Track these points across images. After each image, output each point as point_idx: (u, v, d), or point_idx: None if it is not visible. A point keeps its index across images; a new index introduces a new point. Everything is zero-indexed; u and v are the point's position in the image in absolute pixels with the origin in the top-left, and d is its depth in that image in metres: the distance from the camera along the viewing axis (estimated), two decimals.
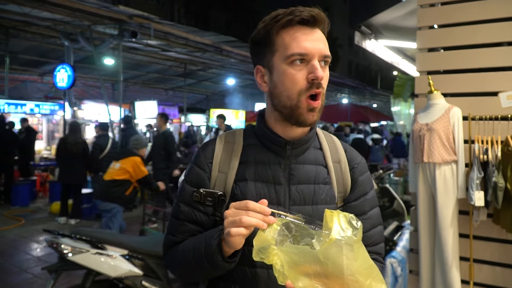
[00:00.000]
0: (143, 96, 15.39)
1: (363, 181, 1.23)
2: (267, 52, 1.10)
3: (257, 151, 1.16)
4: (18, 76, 14.64)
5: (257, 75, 1.16)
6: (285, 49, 1.06)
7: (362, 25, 3.97)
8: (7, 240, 6.28)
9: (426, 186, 2.71)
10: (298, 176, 1.14)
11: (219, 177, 1.15)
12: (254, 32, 1.13)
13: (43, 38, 11.17)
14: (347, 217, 0.87)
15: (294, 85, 1.06)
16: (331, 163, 1.20)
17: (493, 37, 2.66)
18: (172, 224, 1.19)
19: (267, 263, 0.88)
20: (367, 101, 29.98)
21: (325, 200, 1.15)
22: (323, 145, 1.22)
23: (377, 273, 0.86)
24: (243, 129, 1.25)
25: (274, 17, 1.08)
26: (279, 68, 1.08)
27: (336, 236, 0.84)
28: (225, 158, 1.17)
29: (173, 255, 1.16)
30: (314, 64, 1.05)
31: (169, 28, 9.95)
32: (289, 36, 1.06)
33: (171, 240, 1.18)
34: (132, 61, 14.21)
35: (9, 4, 8.05)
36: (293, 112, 1.08)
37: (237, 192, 1.12)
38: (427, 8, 2.89)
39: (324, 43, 1.09)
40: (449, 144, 2.59)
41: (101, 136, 7.80)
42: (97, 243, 3.04)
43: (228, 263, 1.02)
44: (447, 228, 2.58)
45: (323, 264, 0.83)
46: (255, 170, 1.14)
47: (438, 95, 2.68)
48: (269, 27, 1.08)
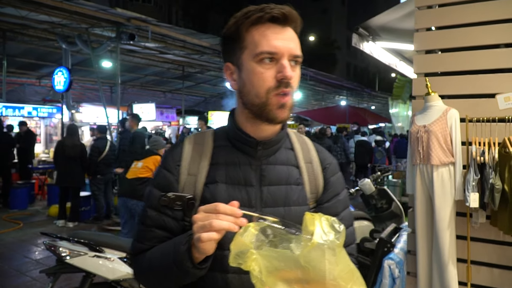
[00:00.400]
0: (141, 99, 15.40)
1: (335, 182, 1.22)
2: (236, 49, 1.08)
3: (227, 152, 1.13)
4: (15, 79, 14.61)
5: (226, 72, 1.14)
6: (255, 47, 1.04)
7: (360, 27, 3.98)
8: (6, 243, 6.26)
9: (424, 188, 2.71)
10: (270, 177, 1.12)
11: (188, 180, 1.11)
12: (225, 27, 1.11)
13: (40, 41, 11.16)
14: (329, 220, 0.85)
15: (263, 83, 1.04)
16: (303, 163, 1.18)
17: (491, 39, 2.67)
18: (139, 231, 1.14)
19: (244, 269, 0.84)
20: (365, 103, 30.03)
21: (297, 202, 1.13)
22: (294, 146, 1.20)
23: (357, 277, 0.85)
24: (213, 130, 1.22)
25: (245, 13, 1.05)
26: (248, 66, 1.06)
27: (318, 240, 0.82)
28: (194, 160, 1.13)
29: (140, 263, 1.12)
30: (283, 63, 1.03)
31: (167, 30, 9.96)
32: (259, 34, 1.04)
33: (138, 247, 1.13)
34: (130, 64, 14.20)
35: (6, 7, 8.05)
36: (262, 110, 1.06)
37: (207, 195, 1.08)
38: (425, 10, 2.90)
39: (295, 42, 1.07)
40: (446, 146, 2.59)
41: (99, 138, 7.80)
42: (95, 246, 3.04)
43: (199, 269, 0.98)
44: (445, 229, 2.58)
45: (304, 268, 0.81)
46: (226, 172, 1.11)
47: (436, 97, 2.69)
48: (239, 23, 1.06)
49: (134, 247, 1.15)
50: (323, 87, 22.03)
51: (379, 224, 4.12)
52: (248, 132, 1.12)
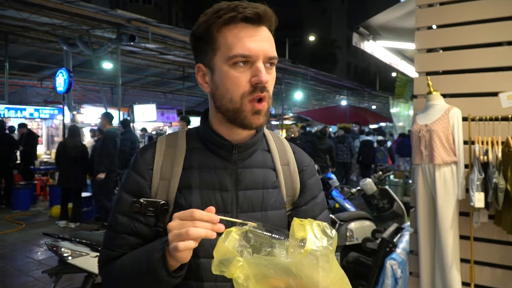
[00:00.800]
0: (141, 100, 15.38)
1: (312, 184, 1.18)
2: (208, 50, 1.02)
3: (201, 156, 1.08)
4: (17, 81, 14.66)
5: (198, 74, 1.08)
6: (227, 49, 0.98)
7: (360, 26, 3.97)
8: (8, 243, 6.27)
9: (426, 188, 2.70)
10: (246, 181, 1.07)
11: (161, 184, 1.05)
12: (195, 25, 1.04)
13: (42, 43, 11.20)
14: (320, 226, 0.82)
15: (237, 88, 0.99)
16: (279, 165, 1.14)
17: (493, 37, 2.65)
18: (109, 237, 1.07)
19: (227, 276, 0.81)
20: (366, 103, 30.02)
21: (274, 205, 1.09)
22: (271, 147, 1.16)
23: (347, 284, 0.83)
24: (185, 131, 1.15)
25: (216, 11, 0.99)
26: (221, 69, 1.00)
27: (311, 247, 0.79)
28: (166, 164, 1.07)
29: (110, 271, 1.04)
30: (258, 67, 0.98)
31: (167, 31, 9.97)
32: (232, 35, 0.98)
33: (108, 255, 1.06)
34: (130, 65, 14.22)
35: (8, 10, 8.07)
36: (236, 115, 1.01)
37: (181, 200, 1.03)
38: (426, 9, 2.89)
39: (270, 42, 1.01)
40: (448, 145, 2.58)
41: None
42: (96, 246, 3.03)
43: (174, 277, 0.93)
44: (447, 229, 2.57)
45: (296, 276, 0.78)
46: (200, 176, 1.05)
47: (437, 96, 2.68)
48: (210, 22, 0.99)
49: (103, 255, 1.08)
50: (324, 87, 22.04)
51: (381, 224, 4.12)
52: (223, 135, 1.07)
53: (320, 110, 24.89)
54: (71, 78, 9.44)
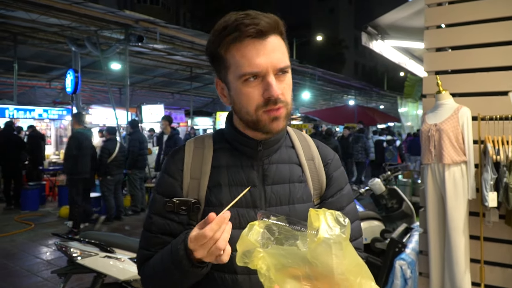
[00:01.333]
0: (149, 100, 15.46)
1: (338, 177, 1.21)
2: (221, 68, 1.06)
3: (228, 155, 1.13)
4: (26, 82, 14.81)
5: (217, 87, 1.12)
6: (237, 68, 1.01)
7: (369, 25, 3.95)
8: (17, 243, 6.33)
9: (435, 187, 2.68)
10: (272, 176, 1.11)
11: (191, 184, 1.11)
12: (207, 44, 1.08)
13: (50, 44, 11.29)
14: (333, 215, 0.84)
15: (251, 102, 1.02)
16: (304, 160, 1.17)
17: (502, 35, 2.63)
18: (145, 238, 1.13)
19: (251, 267, 0.84)
20: (373, 103, 29.90)
21: (301, 199, 1.12)
22: (295, 143, 1.20)
23: (365, 270, 0.84)
24: (211, 134, 1.21)
25: (220, 31, 1.01)
26: (234, 86, 1.04)
27: (324, 235, 0.81)
28: (196, 164, 1.12)
29: (146, 270, 1.10)
30: (268, 81, 1.00)
31: (175, 32, 10.01)
32: (239, 54, 1.00)
33: (145, 255, 1.12)
34: (138, 65, 14.30)
35: (17, 11, 8.14)
36: (256, 125, 1.05)
37: (211, 198, 1.08)
38: (435, 8, 2.87)
39: (279, 51, 1.02)
40: (458, 145, 2.56)
41: (109, 140, 7.84)
42: (105, 247, 3.05)
43: (198, 267, 0.97)
44: (457, 229, 2.55)
45: (312, 264, 0.81)
46: (228, 174, 1.10)
47: (447, 95, 2.66)
48: (217, 43, 1.03)
49: (140, 256, 1.13)
50: (332, 86, 21.99)
51: (389, 224, 4.09)
52: (247, 134, 1.11)
53: (328, 110, 24.82)
54: (77, 78, 9.49)
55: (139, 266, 1.14)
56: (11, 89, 12.42)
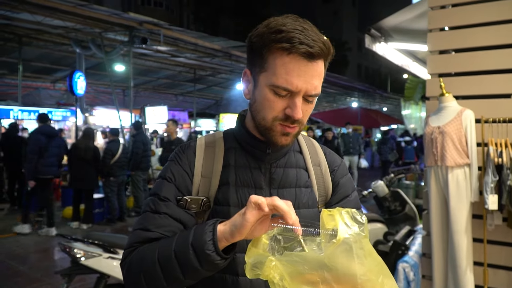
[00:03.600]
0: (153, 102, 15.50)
1: (345, 183, 1.21)
2: (257, 63, 1.03)
3: (237, 155, 1.13)
4: (31, 83, 14.86)
5: (243, 77, 1.10)
6: (273, 75, 0.98)
7: (372, 28, 3.96)
8: (21, 244, 6.35)
9: (439, 190, 2.68)
10: (279, 180, 1.12)
11: (202, 182, 1.10)
12: (254, 30, 1.03)
13: (55, 46, 11.34)
14: (349, 213, 0.81)
15: (271, 111, 1.02)
16: (311, 166, 1.18)
17: (506, 38, 2.63)
18: (146, 218, 1.06)
19: (263, 278, 0.81)
20: (377, 105, 29.82)
21: (307, 204, 1.12)
22: (303, 149, 1.20)
23: (386, 269, 0.80)
24: (222, 132, 1.20)
25: (273, 33, 0.97)
26: (262, 89, 1.02)
27: (343, 235, 0.77)
28: (207, 162, 1.12)
29: (141, 254, 1.01)
30: (295, 102, 0.99)
31: (179, 34, 10.03)
32: (282, 65, 0.97)
33: (143, 236, 1.04)
34: (142, 67, 14.33)
35: (22, 13, 8.19)
36: (266, 132, 1.05)
37: (219, 196, 1.09)
38: (438, 10, 2.87)
39: (318, 79, 1.00)
40: (461, 147, 2.56)
41: (112, 141, 7.87)
42: (109, 247, 3.06)
43: (219, 255, 0.91)
44: (460, 232, 2.55)
45: (331, 268, 0.76)
46: (236, 174, 1.11)
47: (450, 98, 2.66)
48: (265, 42, 0.99)
49: (134, 236, 1.06)
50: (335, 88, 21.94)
51: (393, 226, 4.09)
52: (257, 136, 1.11)
53: (331, 112, 24.79)
54: (77, 80, 9.54)
55: (129, 250, 1.05)
56: (16, 90, 12.46)
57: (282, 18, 1.00)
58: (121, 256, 3.09)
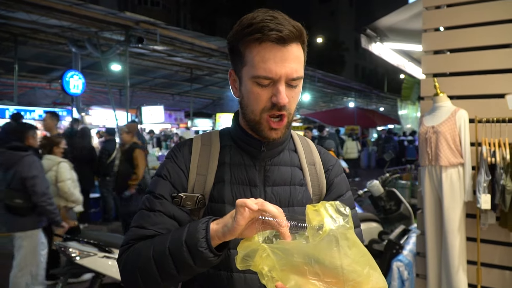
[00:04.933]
0: (149, 101, 15.49)
1: (339, 183, 1.23)
2: (237, 61, 1.08)
3: (233, 153, 1.15)
4: (26, 82, 14.79)
5: (230, 78, 1.15)
6: (252, 67, 1.02)
7: (368, 28, 3.97)
8: None
9: (433, 189, 2.69)
10: (274, 178, 1.13)
11: (197, 179, 1.12)
12: (229, 34, 1.08)
13: (51, 45, 11.29)
14: (333, 206, 0.83)
15: (258, 103, 1.05)
16: (306, 165, 1.19)
17: (500, 38, 2.65)
18: (142, 216, 1.08)
19: (253, 269, 0.83)
20: (374, 105, 29.89)
21: (301, 202, 1.13)
22: (298, 148, 1.21)
23: (372, 261, 0.81)
24: (218, 131, 1.23)
25: (245, 27, 1.02)
26: (246, 83, 1.06)
27: (329, 227, 0.79)
28: (203, 160, 1.14)
29: (137, 251, 1.02)
30: (278, 88, 1.01)
31: (175, 33, 10.01)
32: (258, 55, 1.01)
33: (139, 233, 1.06)
34: (138, 67, 14.30)
35: (18, 12, 8.16)
36: (256, 127, 1.08)
37: (214, 193, 1.10)
38: (433, 10, 2.89)
39: (296, 61, 1.03)
40: (455, 147, 2.57)
41: (108, 141, 7.85)
42: (104, 247, 3.06)
43: (212, 252, 0.92)
44: (454, 231, 2.57)
45: (318, 259, 0.78)
46: (231, 172, 1.12)
47: (444, 98, 2.68)
48: (239, 37, 1.04)
49: (130, 233, 1.08)
50: (332, 88, 21.99)
51: (387, 226, 4.11)
52: (252, 134, 1.13)
53: (328, 112, 24.85)
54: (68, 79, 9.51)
55: (125, 247, 1.07)
56: (12, 90, 12.42)
57: (253, 13, 1.04)
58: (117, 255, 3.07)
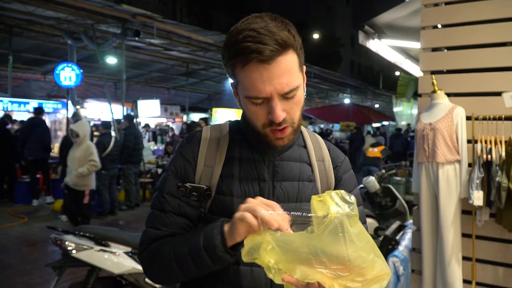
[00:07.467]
0: (145, 95, 15.41)
1: (347, 179, 1.23)
2: (232, 78, 1.08)
3: (242, 147, 1.15)
4: (21, 74, 14.66)
5: (233, 91, 1.14)
6: (243, 88, 1.02)
7: (366, 24, 3.97)
8: (10, 237, 6.32)
9: (429, 186, 2.71)
10: (282, 173, 1.13)
11: (204, 171, 1.12)
12: (222, 48, 1.06)
13: (46, 37, 11.20)
14: (339, 194, 0.84)
15: (257, 120, 1.05)
16: (315, 161, 1.19)
17: (498, 37, 2.66)
18: (155, 217, 1.12)
19: (259, 263, 0.83)
20: (369, 101, 29.96)
21: (309, 198, 1.10)
22: (307, 143, 1.22)
23: (377, 249, 0.82)
24: (228, 123, 1.23)
25: (229, 48, 1.00)
26: (243, 101, 1.07)
27: (335, 214, 0.80)
28: (211, 152, 1.15)
29: (156, 250, 1.08)
30: (272, 106, 1.00)
31: (172, 27, 9.97)
32: (245, 77, 1.00)
33: (153, 234, 1.10)
34: (135, 60, 14.23)
35: (13, 3, 8.08)
36: (262, 139, 1.08)
37: (222, 187, 1.11)
38: (431, 8, 2.89)
39: (285, 75, 0.98)
40: (452, 144, 2.59)
41: (104, 134, 7.82)
42: (100, 240, 3.06)
43: (229, 254, 0.96)
44: (449, 227, 2.59)
45: (323, 247, 0.79)
46: (240, 166, 1.12)
47: (442, 95, 2.69)
48: (226, 60, 1.03)
49: (147, 234, 1.12)
50: (327, 85, 22.00)
51: (383, 221, 4.13)
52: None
53: (323, 108, 24.87)
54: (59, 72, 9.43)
55: (144, 246, 1.12)
56: (6, 82, 12.31)
57: (239, 24, 1.01)
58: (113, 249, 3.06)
